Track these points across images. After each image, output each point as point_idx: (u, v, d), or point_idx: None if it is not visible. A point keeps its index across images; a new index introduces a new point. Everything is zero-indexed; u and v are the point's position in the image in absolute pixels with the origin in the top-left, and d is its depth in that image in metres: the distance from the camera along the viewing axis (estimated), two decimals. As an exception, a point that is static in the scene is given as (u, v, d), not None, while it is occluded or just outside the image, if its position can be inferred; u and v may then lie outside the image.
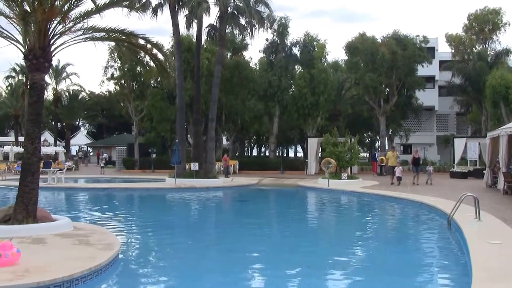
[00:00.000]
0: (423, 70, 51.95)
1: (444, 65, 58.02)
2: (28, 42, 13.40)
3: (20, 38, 13.58)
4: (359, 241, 15.30)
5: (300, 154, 76.25)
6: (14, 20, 13.48)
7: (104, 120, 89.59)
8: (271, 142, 54.83)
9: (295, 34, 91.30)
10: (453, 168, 41.53)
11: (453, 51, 56.68)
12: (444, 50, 60.33)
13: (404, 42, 49.08)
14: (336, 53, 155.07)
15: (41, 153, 13.99)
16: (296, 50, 53.01)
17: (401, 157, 47.53)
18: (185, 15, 37.75)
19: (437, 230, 16.27)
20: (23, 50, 13.61)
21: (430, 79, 59.84)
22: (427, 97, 56.87)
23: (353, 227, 18.59)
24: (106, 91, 77.66)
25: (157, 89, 53.27)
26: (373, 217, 21.72)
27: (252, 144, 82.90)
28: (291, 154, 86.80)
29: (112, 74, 53.09)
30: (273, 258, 12.48)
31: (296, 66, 53.46)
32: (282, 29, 51.18)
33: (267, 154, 70.20)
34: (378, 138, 60.91)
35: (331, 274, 10.76)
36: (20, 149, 51.96)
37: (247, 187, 34.56)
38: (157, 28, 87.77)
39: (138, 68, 49.60)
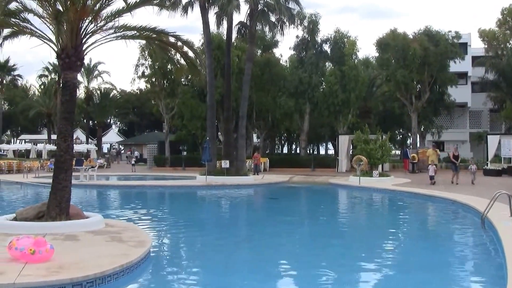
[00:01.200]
0: (455, 66, 51.21)
1: (477, 60, 57.12)
2: (60, 41, 13.54)
3: (53, 38, 13.76)
4: (392, 239, 15.17)
5: (331, 151, 75.98)
6: (47, 19, 13.64)
7: (135, 118, 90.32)
8: (302, 139, 54.66)
9: (325, 31, 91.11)
10: (487, 166, 40.91)
11: (486, 46, 55.83)
12: (477, 46, 59.46)
13: (436, 38, 48.44)
14: (366, 50, 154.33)
15: (73, 151, 14.10)
16: (326, 47, 52.70)
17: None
18: (215, 13, 37.81)
19: (471, 229, 16.04)
20: (56, 49, 13.76)
21: (463, 75, 58.93)
22: (459, 93, 55.99)
23: (385, 225, 18.44)
24: (137, 89, 78.58)
25: (188, 87, 53.49)
26: (405, 215, 21.56)
27: (283, 142, 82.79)
28: (322, 151, 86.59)
29: (143, 72, 53.49)
30: (305, 256, 12.44)
31: (326, 63, 53.12)
32: (313, 26, 50.91)
33: (298, 151, 70.08)
34: (409, 135, 60.33)
35: (363, 272, 10.69)
36: (53, 147, 52.59)
37: (278, 184, 34.51)
38: (187, 26, 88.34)
39: (169, 66, 49.78)
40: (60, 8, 13.41)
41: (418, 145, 51.43)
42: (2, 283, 7.87)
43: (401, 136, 73.40)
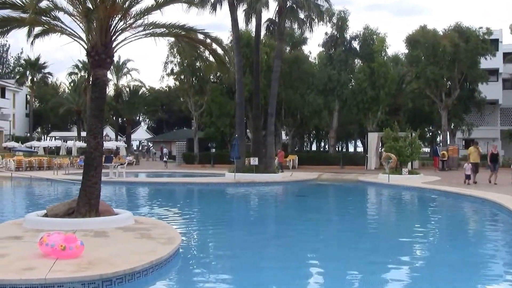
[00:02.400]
0: (486, 63, 50.48)
1: (508, 57, 56.14)
2: (90, 39, 13.62)
3: (83, 35, 13.85)
4: (421, 238, 14.98)
5: (360, 149, 75.54)
6: (77, 17, 13.75)
7: (164, 115, 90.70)
8: (331, 136, 54.49)
9: (354, 28, 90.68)
10: (518, 164, 40.29)
11: (518, 42, 55.02)
12: (509, 42, 58.61)
13: (467, 34, 47.84)
14: (396, 47, 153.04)
15: (103, 148, 14.21)
16: (355, 44, 52.47)
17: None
18: (244, 10, 37.83)
19: (502, 228, 15.83)
20: (86, 47, 13.86)
21: (494, 72, 58.07)
22: (490, 90, 55.21)
23: (414, 223, 18.27)
24: (166, 87, 78.81)
25: (217, 84, 53.61)
26: (434, 214, 21.32)
27: (312, 139, 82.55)
28: (351, 149, 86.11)
29: (172, 70, 53.64)
30: (333, 254, 12.37)
31: (355, 60, 52.91)
32: (341, 23, 50.66)
33: (327, 149, 69.83)
34: (439, 132, 59.69)
35: (392, 270, 10.58)
36: (82, 144, 53.14)
37: (307, 182, 34.42)
38: (216, 24, 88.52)
39: (198, 63, 49.87)
40: (90, 6, 13.50)
41: (448, 142, 50.91)
42: (33, 278, 7.98)
43: (430, 134, 72.75)
